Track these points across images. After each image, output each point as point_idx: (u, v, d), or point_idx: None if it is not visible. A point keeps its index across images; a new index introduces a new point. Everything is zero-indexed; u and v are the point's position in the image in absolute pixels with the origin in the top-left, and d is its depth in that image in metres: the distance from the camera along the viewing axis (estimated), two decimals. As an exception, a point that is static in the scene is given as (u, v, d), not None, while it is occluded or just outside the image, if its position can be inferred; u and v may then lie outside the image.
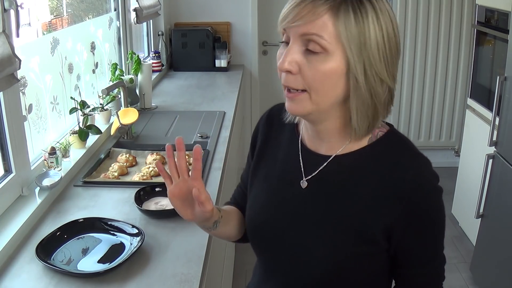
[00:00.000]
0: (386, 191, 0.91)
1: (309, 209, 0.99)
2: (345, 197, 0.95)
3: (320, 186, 0.98)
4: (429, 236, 0.96)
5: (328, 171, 0.97)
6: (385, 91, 0.90)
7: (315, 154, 1.00)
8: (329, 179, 0.97)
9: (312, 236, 0.97)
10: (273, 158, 1.07)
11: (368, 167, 0.94)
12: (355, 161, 0.95)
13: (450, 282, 2.86)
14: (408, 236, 0.94)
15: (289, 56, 0.86)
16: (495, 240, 2.57)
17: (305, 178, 1.00)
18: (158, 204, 1.63)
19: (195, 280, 1.27)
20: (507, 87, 2.40)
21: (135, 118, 2.24)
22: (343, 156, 0.96)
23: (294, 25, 0.84)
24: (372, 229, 0.93)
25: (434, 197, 0.93)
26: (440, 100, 4.15)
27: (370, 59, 0.85)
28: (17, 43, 1.54)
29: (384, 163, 0.94)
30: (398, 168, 0.92)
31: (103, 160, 2.02)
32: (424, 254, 0.97)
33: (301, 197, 1.00)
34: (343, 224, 0.95)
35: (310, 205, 0.99)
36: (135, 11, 2.99)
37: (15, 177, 1.61)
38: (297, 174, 1.01)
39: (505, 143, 2.46)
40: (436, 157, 4.29)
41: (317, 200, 0.98)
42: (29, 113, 1.80)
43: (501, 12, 2.68)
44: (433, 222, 0.95)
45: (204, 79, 3.50)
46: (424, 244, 0.96)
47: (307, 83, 0.87)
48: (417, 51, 4.03)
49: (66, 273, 1.28)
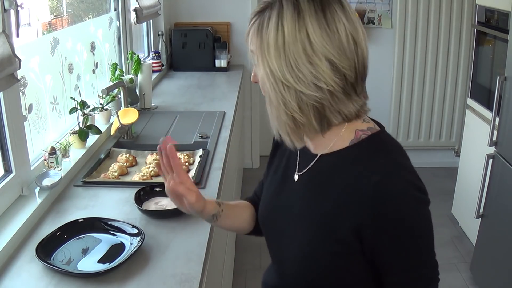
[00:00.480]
0: (353, 193, 0.93)
1: (296, 202, 1.06)
2: (322, 194, 1.00)
3: (307, 182, 1.04)
4: (408, 245, 0.93)
5: (315, 169, 1.03)
6: (297, 98, 0.90)
7: (309, 152, 1.05)
8: (314, 176, 1.03)
9: (294, 228, 1.04)
10: (283, 154, 1.15)
11: (344, 168, 0.97)
12: (335, 161, 0.99)
13: (450, 282, 2.86)
14: (382, 242, 0.93)
15: (253, 71, 0.99)
16: (495, 240, 2.57)
17: (298, 173, 1.07)
18: (158, 204, 1.63)
19: (195, 280, 1.27)
20: (507, 87, 2.40)
21: (135, 118, 2.24)
22: (327, 156, 1.01)
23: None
24: (341, 228, 0.95)
25: (406, 204, 0.91)
26: (440, 100, 4.15)
27: (270, 66, 0.90)
28: (17, 43, 1.54)
29: (357, 165, 0.95)
30: (368, 171, 0.92)
31: (103, 160, 2.02)
32: (405, 261, 0.95)
33: (292, 191, 1.07)
34: (318, 220, 0.99)
35: (297, 199, 1.06)
36: (135, 11, 2.99)
37: (15, 177, 1.61)
38: (294, 168, 1.09)
39: (505, 143, 2.46)
40: (436, 157, 4.29)
41: (302, 195, 1.05)
42: (29, 113, 1.80)
43: (501, 12, 2.68)
44: (409, 230, 0.92)
45: (204, 79, 3.50)
46: (403, 252, 0.94)
47: None
48: (417, 51, 4.03)
49: (66, 273, 1.28)
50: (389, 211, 0.90)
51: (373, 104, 1.06)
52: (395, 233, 0.92)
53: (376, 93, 4.21)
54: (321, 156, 1.02)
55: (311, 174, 1.04)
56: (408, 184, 0.92)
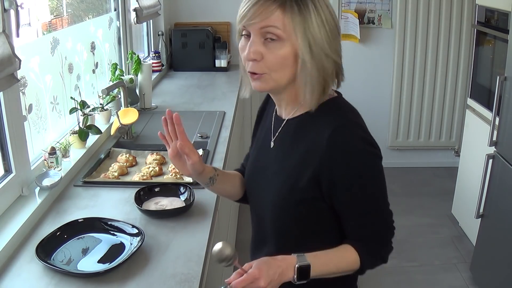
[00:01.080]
0: (311, 147, 1.11)
1: (272, 164, 1.23)
2: (289, 152, 1.18)
3: (278, 145, 1.22)
4: (360, 192, 1.10)
5: (283, 132, 1.21)
6: (332, 65, 1.10)
7: (280, 119, 1.23)
8: (282, 138, 1.21)
9: (269, 184, 1.21)
10: (264, 125, 1.32)
11: (306, 128, 1.15)
12: (299, 123, 1.17)
13: (450, 282, 2.87)
14: (337, 189, 1.10)
15: (252, 48, 1.08)
16: (495, 240, 2.57)
17: (272, 139, 1.24)
18: (158, 204, 1.63)
19: (195, 280, 1.27)
20: (507, 87, 2.40)
21: (135, 118, 2.24)
22: (292, 120, 1.19)
23: (253, 22, 1.06)
24: (303, 179, 1.12)
25: (355, 154, 1.08)
26: (440, 100, 4.15)
27: (314, 39, 1.06)
28: (17, 43, 1.54)
29: (316, 124, 1.12)
30: (322, 126, 1.10)
31: (103, 160, 2.02)
32: (360, 207, 1.11)
33: (269, 155, 1.24)
34: (285, 174, 1.16)
35: (273, 161, 1.22)
36: (135, 11, 2.99)
37: (15, 177, 1.61)
38: (270, 137, 1.25)
39: (505, 143, 2.46)
40: (436, 157, 4.29)
41: (275, 156, 1.22)
42: (29, 113, 1.80)
43: (501, 12, 2.69)
44: (357, 178, 1.09)
45: (204, 79, 3.50)
46: (357, 199, 1.10)
47: (268, 67, 1.08)
48: (417, 51, 4.03)
49: (66, 273, 1.28)
50: (340, 161, 1.07)
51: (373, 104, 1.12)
52: (347, 181, 1.09)
53: (376, 93, 4.21)
54: (287, 121, 1.20)
55: (280, 137, 1.22)
56: (357, 137, 1.09)
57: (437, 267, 3.01)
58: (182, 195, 1.69)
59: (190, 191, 1.68)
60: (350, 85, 1.23)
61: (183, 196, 1.69)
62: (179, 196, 1.69)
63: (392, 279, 2.89)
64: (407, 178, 4.06)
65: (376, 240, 1.15)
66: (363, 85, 4.09)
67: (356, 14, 3.96)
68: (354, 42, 4.01)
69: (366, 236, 1.14)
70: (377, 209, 1.14)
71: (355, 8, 3.98)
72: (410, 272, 2.96)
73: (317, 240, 1.17)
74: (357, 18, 3.95)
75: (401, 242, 3.20)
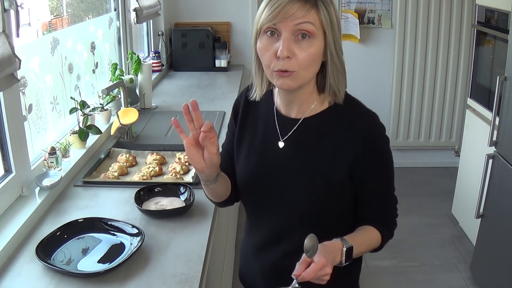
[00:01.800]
0: (346, 140, 1.17)
1: (287, 164, 1.22)
2: (315, 149, 1.20)
3: (294, 144, 1.22)
4: (382, 176, 1.23)
5: (300, 131, 1.22)
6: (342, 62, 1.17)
7: (288, 118, 1.23)
8: (301, 136, 1.22)
9: (291, 184, 1.21)
10: (255, 126, 1.30)
11: (330, 124, 1.19)
12: (319, 120, 1.20)
13: (450, 282, 2.87)
14: (366, 175, 1.19)
15: (286, 45, 1.08)
16: (495, 240, 2.57)
17: (282, 139, 1.23)
18: (158, 204, 1.63)
19: (195, 280, 1.27)
20: (507, 87, 2.40)
21: (135, 118, 2.24)
22: (310, 118, 1.21)
23: (289, 19, 1.07)
24: (338, 171, 1.18)
25: (382, 142, 1.20)
26: (440, 100, 4.14)
27: (336, 36, 1.13)
28: (17, 43, 1.54)
29: (342, 119, 1.19)
30: (354, 121, 1.18)
31: (103, 160, 2.02)
32: (379, 191, 1.24)
33: (280, 155, 1.23)
34: (315, 172, 1.19)
35: (287, 160, 1.22)
36: (135, 11, 2.99)
37: (15, 177, 1.61)
38: (276, 136, 1.24)
39: (505, 143, 2.46)
40: (436, 157, 4.29)
41: (293, 156, 1.22)
42: (29, 113, 1.80)
43: (501, 12, 2.69)
44: (384, 163, 1.22)
45: (204, 79, 3.50)
46: (378, 183, 1.23)
47: (299, 65, 1.10)
48: (417, 51, 4.03)
49: (66, 273, 1.28)
50: (374, 148, 1.18)
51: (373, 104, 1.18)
52: (377, 165, 1.20)
53: (376, 93, 4.21)
54: (305, 119, 1.21)
55: (297, 136, 1.22)
56: (381, 126, 1.20)
57: (437, 267, 3.01)
58: (182, 195, 1.69)
59: (190, 191, 1.68)
60: (350, 85, 1.22)
61: (183, 196, 1.69)
62: (179, 196, 1.69)
63: (392, 279, 2.89)
64: (407, 178, 4.05)
65: (391, 219, 1.28)
66: (363, 85, 4.07)
67: (356, 14, 3.96)
68: (354, 42, 4.01)
69: (383, 215, 1.26)
70: (392, 191, 1.27)
71: (355, 8, 3.98)
72: (410, 272, 2.96)
73: (337, 225, 1.24)
74: (357, 18, 3.95)
75: (401, 242, 3.21)
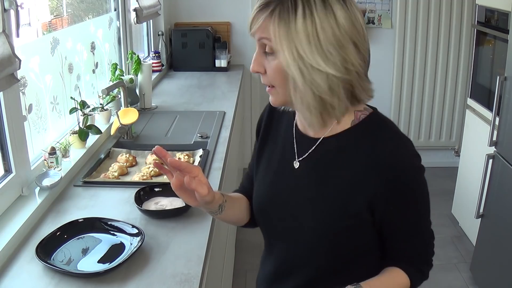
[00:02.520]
0: (366, 168, 1.00)
1: (301, 187, 1.09)
2: (331, 175, 1.05)
3: (310, 166, 1.09)
4: (411, 211, 1.03)
5: (317, 152, 1.08)
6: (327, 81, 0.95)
7: (306, 137, 1.10)
8: (317, 159, 1.08)
9: (304, 210, 1.08)
10: (274, 143, 1.18)
11: (351, 147, 1.03)
12: (339, 142, 1.05)
13: (450, 282, 2.87)
14: (390, 210, 1.02)
15: (254, 60, 1.01)
16: (495, 240, 2.57)
17: (298, 159, 1.11)
18: (158, 204, 1.63)
19: (195, 280, 1.27)
20: (507, 87, 2.40)
21: (135, 118, 2.24)
22: (329, 138, 1.06)
23: (251, 32, 0.99)
24: (355, 204, 1.02)
25: (412, 173, 1.01)
26: (440, 100, 4.15)
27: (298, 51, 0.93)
28: (17, 43, 1.54)
29: (365, 142, 1.02)
30: (378, 146, 1.00)
31: (103, 160, 2.02)
32: (408, 228, 1.05)
33: (294, 176, 1.10)
34: (330, 200, 1.04)
35: (302, 183, 1.09)
36: (135, 11, 2.99)
37: (15, 177, 1.61)
38: (292, 156, 1.12)
39: (505, 143, 2.46)
40: (436, 157, 4.29)
41: (308, 178, 1.08)
42: (29, 113, 1.80)
43: (501, 12, 2.68)
44: (413, 197, 1.02)
45: (204, 79, 3.50)
46: (407, 219, 1.04)
47: (269, 80, 1.00)
48: (417, 51, 4.03)
49: (66, 273, 1.28)
50: (400, 179, 0.99)
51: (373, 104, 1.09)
52: (404, 199, 1.01)
53: (376, 93, 4.17)
54: (324, 139, 1.06)
55: (314, 157, 1.08)
56: (412, 154, 1.01)
57: (437, 267, 2.99)
58: None
59: (190, 191, 1.67)
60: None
61: None
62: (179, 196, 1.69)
63: (392, 279, 2.89)
64: (407, 178, 4.06)
65: (423, 260, 1.10)
66: (363, 85, 4.09)
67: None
68: (354, 42, 4.01)
69: (414, 257, 1.08)
70: (425, 230, 1.09)
71: (355, 8, 3.98)
72: (410, 272, 2.96)
73: (355, 266, 1.09)
74: (357, 18, 3.95)
75: (401, 242, 3.21)
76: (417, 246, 1.08)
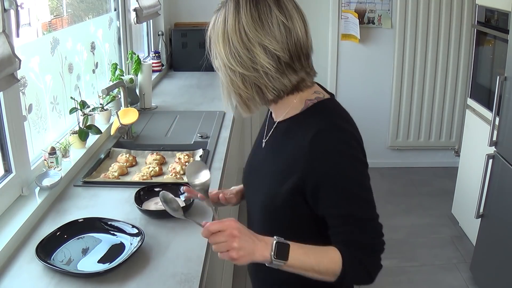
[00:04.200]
0: (298, 152, 1.09)
1: (262, 164, 1.25)
2: (277, 155, 1.18)
3: (269, 147, 1.24)
4: (339, 196, 1.07)
5: (274, 135, 1.23)
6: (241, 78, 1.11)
7: (272, 121, 1.25)
8: (272, 140, 1.23)
9: (260, 186, 1.22)
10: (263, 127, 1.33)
11: (292, 132, 1.15)
12: (287, 127, 1.18)
13: (450, 282, 2.87)
14: (318, 195, 1.08)
15: None
16: (495, 240, 2.57)
17: (263, 140, 1.26)
18: (158, 204, 1.63)
19: (195, 280, 1.27)
20: (507, 87, 2.40)
21: (135, 118, 2.24)
22: (282, 122, 1.20)
23: None
24: (286, 185, 1.11)
25: (337, 159, 1.06)
26: (440, 100, 4.15)
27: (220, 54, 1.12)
28: (17, 43, 1.54)
29: (300, 128, 1.12)
30: (307, 132, 1.09)
31: (103, 160, 2.02)
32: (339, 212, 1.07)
33: (262, 154, 1.27)
34: (271, 177, 1.17)
35: (263, 160, 1.25)
36: (135, 11, 2.99)
37: (15, 177, 1.61)
38: (263, 136, 1.28)
39: (505, 143, 2.46)
40: (436, 157, 4.29)
41: (266, 157, 1.24)
42: (29, 113, 1.80)
43: (501, 12, 2.69)
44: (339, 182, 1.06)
45: (204, 79, 3.50)
46: (336, 204, 1.07)
47: None
48: (417, 51, 4.03)
49: (66, 273, 1.28)
50: (324, 164, 1.06)
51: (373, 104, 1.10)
52: (329, 184, 1.06)
53: (376, 93, 4.21)
54: (278, 123, 1.21)
55: (271, 139, 1.24)
56: (340, 140, 1.08)
57: (437, 267, 3.01)
58: (182, 195, 1.69)
59: (190, 191, 1.67)
60: (350, 85, 1.23)
61: (183, 196, 1.68)
62: (179, 196, 1.69)
63: (392, 279, 2.89)
64: (407, 178, 4.06)
65: (360, 247, 1.07)
66: (363, 85, 4.09)
67: (356, 14, 3.96)
68: (354, 42, 4.01)
69: (349, 241, 1.07)
70: (361, 216, 1.08)
71: (355, 8, 3.98)
72: (410, 272, 2.96)
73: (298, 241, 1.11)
74: (357, 18, 3.95)
75: (401, 242, 3.21)
76: (352, 231, 1.07)
